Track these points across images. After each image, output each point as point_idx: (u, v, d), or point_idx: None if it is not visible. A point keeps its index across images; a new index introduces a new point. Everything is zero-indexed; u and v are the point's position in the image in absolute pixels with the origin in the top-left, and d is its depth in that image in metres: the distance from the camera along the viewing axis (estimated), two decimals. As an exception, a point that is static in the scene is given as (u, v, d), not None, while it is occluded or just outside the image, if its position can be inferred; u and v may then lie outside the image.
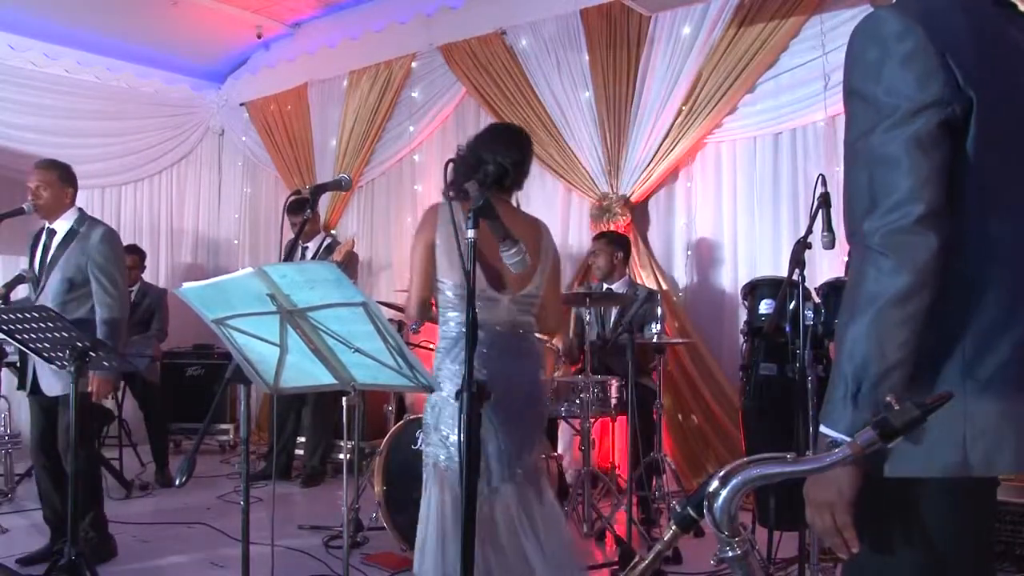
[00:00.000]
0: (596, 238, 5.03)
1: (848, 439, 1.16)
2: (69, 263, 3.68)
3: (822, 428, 1.24)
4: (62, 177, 3.81)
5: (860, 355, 1.19)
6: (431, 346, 5.00)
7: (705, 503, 1.14)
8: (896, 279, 1.17)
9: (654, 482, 4.37)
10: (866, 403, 1.18)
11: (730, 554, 1.16)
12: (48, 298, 3.65)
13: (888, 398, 1.04)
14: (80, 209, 3.87)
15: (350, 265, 4.58)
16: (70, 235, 3.74)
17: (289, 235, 5.20)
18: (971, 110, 1.22)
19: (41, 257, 3.77)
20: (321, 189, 2.63)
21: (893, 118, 1.21)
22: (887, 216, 1.19)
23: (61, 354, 2.87)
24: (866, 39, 1.26)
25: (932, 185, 1.19)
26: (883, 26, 1.24)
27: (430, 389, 2.05)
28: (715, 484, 1.13)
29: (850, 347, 1.21)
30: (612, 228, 5.27)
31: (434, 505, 2.42)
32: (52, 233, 3.77)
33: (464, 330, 2.37)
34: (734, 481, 1.13)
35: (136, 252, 6.07)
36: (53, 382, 3.54)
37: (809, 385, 3.14)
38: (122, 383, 5.60)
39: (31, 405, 3.78)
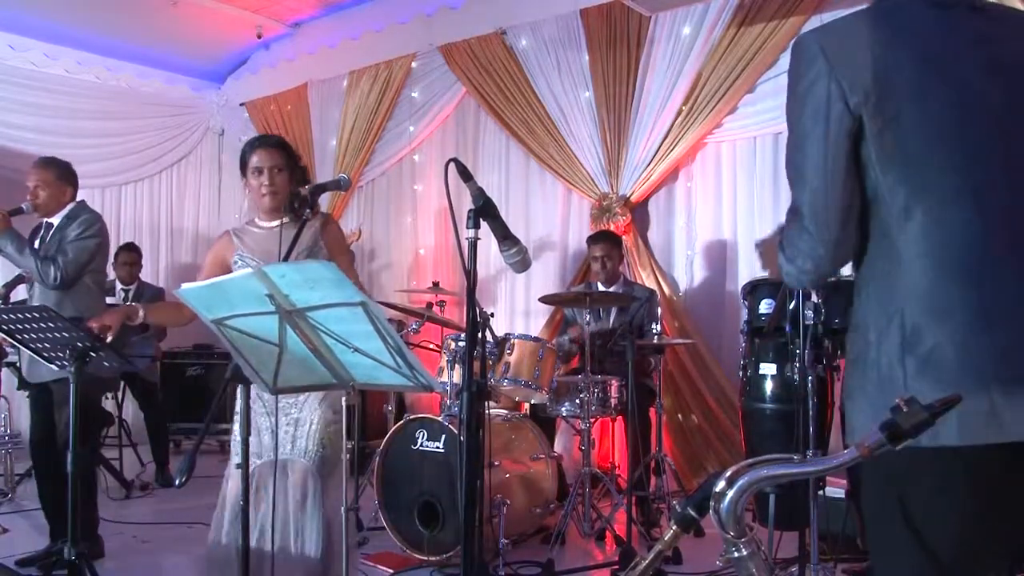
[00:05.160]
0: (597, 240, 4.82)
1: None
2: (50, 250, 3.66)
3: None
4: (60, 176, 3.78)
5: None
6: (431, 346, 5.04)
7: (711, 503, 1.13)
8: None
9: (654, 482, 4.37)
10: None
11: (736, 555, 1.15)
12: (37, 292, 3.67)
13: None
14: (81, 203, 3.84)
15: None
16: (60, 227, 3.73)
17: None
18: (892, 112, 1.29)
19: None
20: (320, 189, 2.62)
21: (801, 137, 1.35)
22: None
23: (61, 354, 2.86)
24: (791, 59, 1.39)
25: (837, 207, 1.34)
26: (798, 49, 1.36)
27: (430, 389, 2.04)
28: (721, 484, 1.13)
29: None
30: (612, 228, 5.26)
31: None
32: (49, 228, 3.77)
33: None
34: (741, 481, 1.12)
35: (133, 250, 6.05)
36: (35, 369, 3.50)
37: (809, 385, 3.14)
38: (122, 383, 5.59)
39: (29, 403, 3.77)
